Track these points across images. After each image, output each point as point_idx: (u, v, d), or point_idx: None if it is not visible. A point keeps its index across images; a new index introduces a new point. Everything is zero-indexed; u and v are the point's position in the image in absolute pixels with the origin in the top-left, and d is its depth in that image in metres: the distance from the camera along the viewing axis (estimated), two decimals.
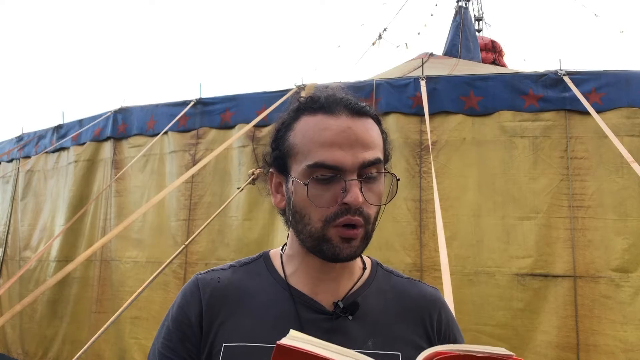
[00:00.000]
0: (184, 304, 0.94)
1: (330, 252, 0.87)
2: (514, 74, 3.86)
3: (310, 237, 0.88)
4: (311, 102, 0.90)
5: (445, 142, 3.48)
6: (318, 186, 0.85)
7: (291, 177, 0.88)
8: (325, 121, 0.86)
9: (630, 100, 3.31)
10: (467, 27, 7.06)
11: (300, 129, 0.88)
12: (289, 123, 0.91)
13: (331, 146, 0.84)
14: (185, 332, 0.91)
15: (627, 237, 3.12)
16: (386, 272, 1.03)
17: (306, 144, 0.86)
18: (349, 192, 0.83)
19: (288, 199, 0.90)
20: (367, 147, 0.85)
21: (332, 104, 0.87)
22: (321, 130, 0.85)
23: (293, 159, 0.88)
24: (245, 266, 1.00)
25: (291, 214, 0.90)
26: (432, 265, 3.28)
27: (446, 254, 2.31)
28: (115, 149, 4.48)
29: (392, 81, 3.77)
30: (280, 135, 0.92)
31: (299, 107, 0.92)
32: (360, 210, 0.85)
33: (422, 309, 0.97)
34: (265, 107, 3.70)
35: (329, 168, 0.84)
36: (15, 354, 4.73)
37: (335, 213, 0.84)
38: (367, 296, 0.95)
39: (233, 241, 3.76)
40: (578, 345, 3.06)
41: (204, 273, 0.98)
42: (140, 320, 3.91)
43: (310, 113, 0.89)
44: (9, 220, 5.24)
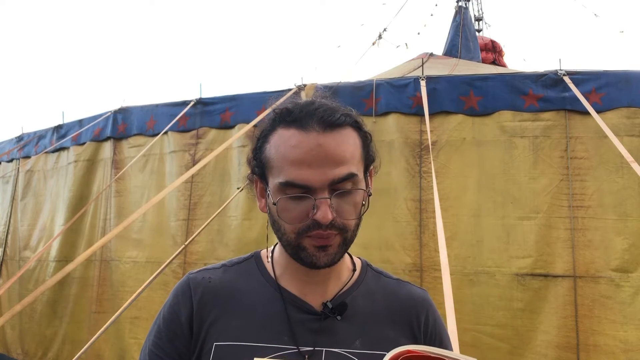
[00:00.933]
0: (174, 303, 0.96)
1: (307, 260, 0.88)
2: (514, 74, 3.86)
3: (287, 245, 0.90)
4: (286, 113, 0.89)
5: (445, 142, 3.48)
6: (290, 202, 0.86)
7: (268, 189, 0.89)
8: (296, 137, 0.85)
9: (630, 100, 3.31)
10: (467, 27, 7.06)
11: (274, 142, 0.89)
12: (266, 134, 0.92)
13: (300, 164, 0.84)
14: (175, 331, 0.93)
15: (627, 237, 3.12)
16: (375, 273, 1.04)
17: (279, 160, 0.87)
18: (318, 210, 0.84)
19: (268, 208, 0.92)
20: (338, 163, 0.84)
21: (304, 118, 0.86)
22: (292, 147, 0.85)
23: (269, 172, 0.89)
24: (236, 266, 1.01)
25: (271, 222, 0.92)
26: (432, 265, 3.28)
27: (446, 254, 2.31)
28: (115, 149, 4.47)
29: (392, 81, 3.77)
30: (258, 145, 0.93)
31: (275, 118, 0.91)
32: (333, 224, 0.85)
33: (410, 310, 0.98)
34: (265, 107, 3.70)
35: (298, 187, 0.84)
36: (15, 354, 4.73)
37: (307, 226, 0.85)
38: (356, 297, 0.96)
39: (232, 241, 3.75)
40: (578, 345, 3.06)
41: (195, 272, 1.00)
42: (140, 320, 3.91)
43: (284, 126, 0.88)
44: (9, 220, 5.24)
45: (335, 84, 3.78)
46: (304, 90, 3.81)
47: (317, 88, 3.82)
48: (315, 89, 3.81)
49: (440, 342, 1.00)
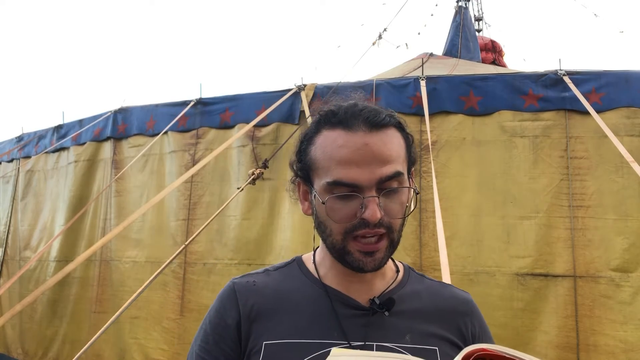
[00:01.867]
0: (220, 307, 0.97)
1: (354, 265, 0.90)
2: (514, 74, 3.85)
3: (333, 247, 0.91)
4: (331, 115, 0.91)
5: (445, 141, 3.48)
6: (338, 201, 0.87)
7: (314, 190, 0.91)
8: (342, 137, 0.87)
9: (630, 100, 3.31)
10: (467, 27, 7.06)
11: (320, 144, 0.90)
12: (310, 136, 0.93)
13: (348, 164, 0.85)
14: (222, 334, 0.94)
15: (628, 237, 3.12)
16: (419, 276, 1.06)
17: (325, 161, 0.88)
18: (367, 209, 0.85)
19: (314, 210, 0.93)
20: (385, 162, 0.86)
21: (350, 119, 0.88)
22: (338, 148, 0.87)
23: (315, 173, 0.91)
24: (279, 270, 1.03)
25: (317, 224, 0.93)
26: (432, 265, 3.27)
27: (446, 253, 2.31)
28: (115, 149, 4.47)
29: (392, 81, 3.77)
30: (303, 147, 0.94)
31: (320, 120, 0.93)
32: (381, 222, 0.86)
33: (457, 311, 1.00)
34: (265, 107, 3.70)
35: (346, 186, 0.86)
36: (15, 354, 4.73)
37: (354, 226, 0.87)
38: (402, 295, 0.97)
39: (231, 241, 3.75)
40: (578, 345, 3.06)
41: (239, 277, 1.01)
42: (139, 320, 3.91)
43: (329, 127, 0.90)
44: (9, 220, 5.24)
45: (335, 84, 3.78)
46: (304, 90, 3.81)
47: (317, 88, 3.82)
48: (315, 89, 3.81)
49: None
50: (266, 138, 3.83)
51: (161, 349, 3.80)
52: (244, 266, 3.65)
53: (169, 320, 3.82)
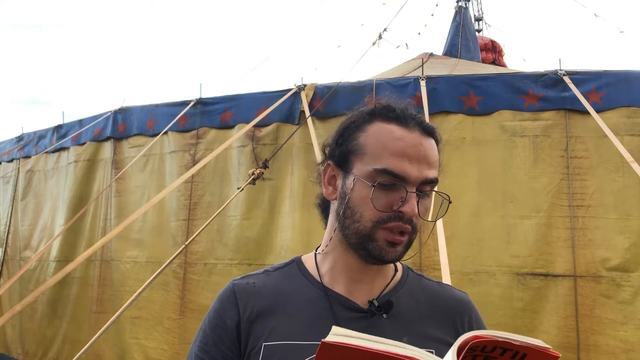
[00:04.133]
0: (220, 308, 0.98)
1: (376, 253, 0.91)
2: (514, 74, 3.86)
3: (356, 234, 0.91)
4: (387, 110, 0.94)
5: (445, 141, 3.42)
6: (380, 189, 0.89)
7: (353, 174, 0.91)
8: (400, 132, 0.91)
9: (630, 99, 3.31)
10: (467, 27, 7.06)
11: (373, 132, 0.92)
12: (360, 124, 0.94)
13: (402, 156, 0.89)
14: (221, 335, 0.95)
15: (628, 237, 3.12)
16: (417, 276, 1.07)
17: (378, 148, 0.90)
18: (407, 203, 0.88)
19: (343, 194, 0.93)
20: (431, 166, 0.92)
21: (407, 118, 0.93)
22: (395, 139, 0.90)
23: (359, 158, 0.92)
24: (278, 270, 1.03)
25: (343, 209, 0.93)
26: (431, 264, 3.27)
27: (446, 253, 2.31)
28: (115, 149, 4.47)
29: (392, 81, 3.78)
30: (348, 133, 0.95)
31: (373, 112, 0.95)
32: (411, 220, 0.90)
33: (454, 311, 1.01)
34: (265, 107, 3.70)
35: (395, 176, 0.88)
36: (15, 354, 4.73)
37: (388, 217, 0.89)
38: (400, 297, 0.98)
39: (232, 240, 3.75)
40: (578, 345, 3.06)
41: (239, 279, 1.02)
42: (140, 320, 3.91)
43: (384, 120, 0.93)
44: (9, 220, 5.24)
45: (335, 84, 3.78)
46: (304, 90, 3.81)
47: (317, 88, 3.82)
48: (315, 89, 3.81)
49: None
50: (266, 138, 3.83)
51: (162, 349, 3.80)
52: (244, 266, 3.65)
53: (170, 320, 3.82)
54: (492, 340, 0.67)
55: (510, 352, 0.69)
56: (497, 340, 0.68)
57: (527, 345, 0.68)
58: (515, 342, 0.68)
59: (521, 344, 0.68)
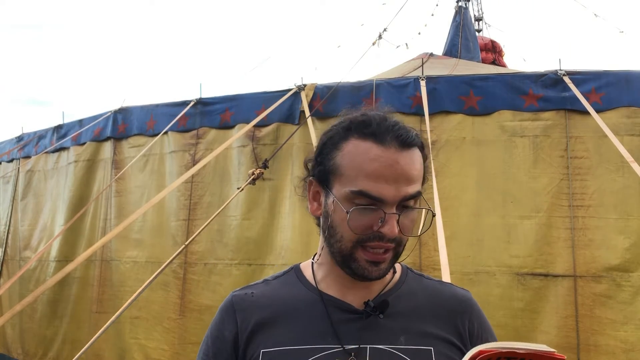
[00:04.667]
0: (219, 321, 1.01)
1: (359, 272, 0.91)
2: (514, 74, 3.86)
3: (339, 253, 0.92)
4: (363, 125, 0.91)
5: (445, 141, 3.48)
6: (357, 212, 0.87)
7: (332, 195, 0.91)
8: (374, 150, 0.88)
9: (630, 100, 3.31)
10: (467, 27, 7.06)
11: (348, 151, 0.90)
12: (337, 141, 0.93)
13: (377, 178, 0.86)
14: (220, 347, 0.97)
15: (629, 237, 3.11)
16: (417, 275, 1.06)
17: (353, 169, 0.88)
18: (386, 224, 0.87)
19: (325, 213, 0.94)
20: (410, 182, 0.88)
21: (383, 133, 0.89)
22: (370, 160, 0.87)
23: (337, 179, 0.91)
24: (277, 279, 1.05)
25: (327, 227, 0.93)
26: (431, 264, 3.27)
27: (446, 253, 2.31)
28: (115, 149, 4.47)
29: (392, 81, 3.77)
30: (326, 150, 0.94)
31: (349, 127, 0.92)
32: (394, 238, 0.89)
33: (455, 309, 1.00)
34: (265, 107, 3.70)
35: (371, 198, 0.86)
36: (15, 354, 4.73)
37: (368, 237, 0.88)
38: (398, 297, 0.98)
39: (232, 240, 3.75)
40: (578, 345, 3.06)
41: (238, 290, 1.04)
42: (140, 320, 3.91)
43: (360, 137, 0.90)
44: (9, 220, 5.24)
45: (335, 84, 3.78)
46: (304, 90, 3.81)
47: (317, 88, 3.81)
48: (315, 89, 3.81)
49: (487, 342, 1.01)
50: (266, 138, 3.83)
51: (161, 349, 3.80)
52: (244, 266, 3.65)
53: (170, 320, 3.82)
54: (496, 353, 0.67)
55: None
56: (502, 352, 0.67)
57: (531, 352, 0.68)
58: (520, 351, 0.67)
59: (526, 351, 0.68)
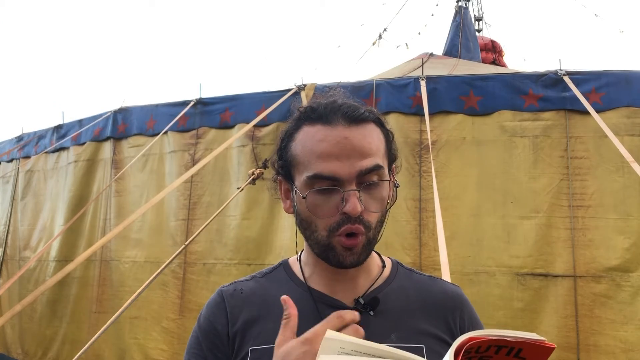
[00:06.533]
0: (209, 314, 0.99)
1: (335, 260, 0.90)
2: (514, 74, 3.86)
3: (317, 244, 0.91)
4: (310, 111, 0.91)
5: (445, 141, 3.48)
6: (319, 197, 0.87)
7: (295, 187, 0.91)
8: (322, 132, 0.87)
9: (630, 100, 3.31)
10: (467, 27, 7.06)
11: (300, 139, 0.91)
12: (290, 133, 0.93)
13: (328, 157, 0.86)
14: (214, 341, 0.95)
15: (628, 237, 3.11)
16: (407, 271, 1.05)
17: (305, 155, 0.88)
18: (347, 202, 0.85)
19: (295, 207, 0.93)
20: (365, 155, 0.86)
21: (329, 114, 0.88)
22: (318, 142, 0.87)
23: (295, 169, 0.91)
24: (266, 275, 1.03)
25: (299, 222, 0.93)
26: (431, 264, 3.27)
27: (446, 253, 2.31)
28: (115, 149, 4.47)
29: (392, 81, 3.77)
30: (283, 145, 0.94)
31: (299, 117, 0.93)
32: (361, 219, 0.86)
33: (445, 305, 0.99)
34: (265, 107, 3.70)
35: (327, 179, 0.86)
36: (15, 354, 4.73)
37: (338, 222, 0.87)
38: (388, 293, 0.97)
39: (231, 240, 3.75)
40: (578, 345, 3.06)
41: (227, 285, 1.02)
42: (139, 320, 3.91)
43: (309, 123, 0.90)
44: (9, 220, 5.24)
45: (335, 84, 3.78)
46: (304, 90, 3.81)
47: (317, 88, 3.81)
48: (316, 94, 3.81)
49: None
50: (266, 138, 3.83)
51: (161, 349, 3.80)
52: (243, 266, 3.65)
53: (169, 320, 3.82)
54: (486, 340, 0.67)
55: (505, 349, 0.69)
56: (492, 339, 0.67)
57: (521, 340, 0.68)
58: (510, 339, 0.67)
59: (515, 339, 0.68)
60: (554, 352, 0.73)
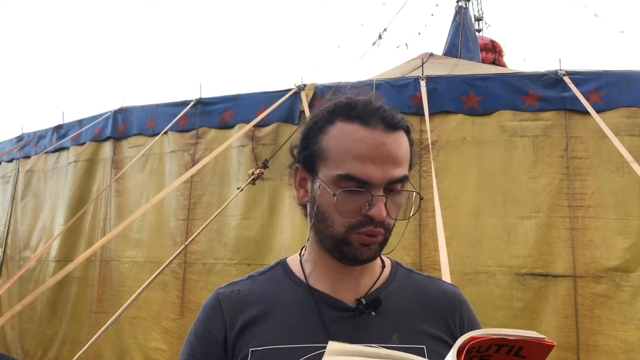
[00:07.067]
0: (205, 319, 0.97)
1: (350, 254, 0.90)
2: (514, 74, 3.86)
3: (330, 237, 0.90)
4: (348, 108, 0.90)
5: (445, 141, 3.48)
6: (345, 195, 0.87)
7: (319, 179, 0.89)
8: (360, 132, 0.87)
9: (630, 100, 3.31)
10: (467, 27, 7.06)
11: (334, 135, 0.89)
12: (322, 125, 0.91)
13: (364, 160, 0.85)
14: (208, 347, 0.94)
15: (628, 237, 3.11)
16: (406, 271, 1.05)
17: (339, 153, 0.87)
18: (374, 207, 0.86)
19: (312, 199, 0.92)
20: (397, 164, 0.88)
21: (368, 115, 0.88)
22: (356, 142, 0.86)
23: (323, 163, 0.89)
24: (263, 274, 1.02)
25: (314, 213, 0.91)
26: (431, 264, 3.27)
27: (446, 253, 2.31)
28: (115, 149, 4.47)
29: (392, 81, 3.77)
30: (311, 135, 0.92)
31: (334, 110, 0.91)
32: (382, 222, 0.87)
33: (444, 306, 0.99)
34: (265, 107, 3.70)
35: (358, 181, 0.86)
36: (15, 354, 4.73)
37: (359, 222, 0.87)
38: (389, 293, 0.97)
39: (231, 240, 3.75)
40: (578, 345, 3.06)
41: (223, 287, 1.00)
42: (139, 320, 3.90)
43: (346, 120, 0.89)
44: (9, 220, 5.24)
45: (335, 84, 3.78)
46: (304, 90, 3.81)
47: (317, 88, 3.81)
48: (315, 89, 3.81)
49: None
50: (266, 138, 3.83)
51: (161, 349, 3.80)
52: (243, 266, 3.65)
53: (169, 320, 3.82)
54: (487, 339, 0.67)
55: (506, 348, 0.69)
56: (493, 338, 0.67)
57: (521, 339, 0.68)
58: (510, 337, 0.67)
59: (516, 337, 0.68)
60: (553, 351, 0.73)
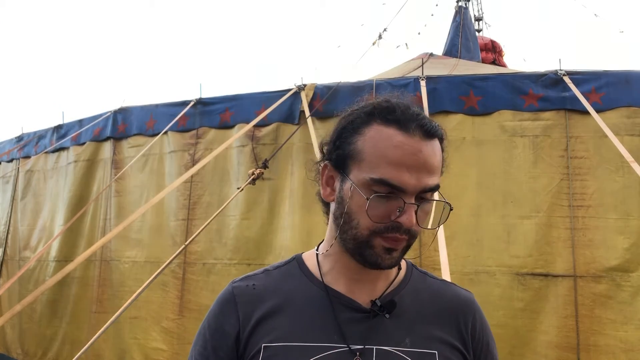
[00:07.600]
0: (219, 312, 0.97)
1: (372, 259, 0.89)
2: (514, 74, 3.86)
3: (353, 239, 0.89)
4: (387, 111, 0.88)
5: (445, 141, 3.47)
6: (376, 200, 0.85)
7: (350, 180, 0.88)
8: (398, 138, 0.85)
9: (630, 100, 3.31)
10: (467, 27, 7.06)
11: (371, 137, 0.87)
12: (358, 126, 0.89)
13: (399, 166, 0.84)
14: (220, 340, 0.94)
15: (628, 237, 3.11)
16: (421, 274, 1.04)
17: (375, 156, 0.86)
18: (404, 214, 0.85)
19: (340, 198, 0.90)
20: (431, 173, 0.87)
21: (407, 120, 0.86)
22: (393, 147, 0.85)
23: (356, 164, 0.88)
24: (278, 269, 1.01)
25: (340, 214, 0.90)
26: (431, 264, 3.27)
27: (446, 253, 2.31)
28: (115, 149, 4.47)
29: (392, 81, 3.77)
30: (346, 134, 0.91)
31: (372, 112, 0.89)
32: (409, 230, 0.87)
33: (457, 311, 0.99)
34: (265, 107, 3.70)
35: (392, 187, 0.84)
36: (14, 354, 4.73)
37: (386, 227, 0.86)
38: (403, 296, 0.96)
39: (231, 240, 3.75)
40: (578, 345, 3.05)
41: (238, 280, 1.00)
42: (139, 320, 3.90)
43: (384, 123, 0.87)
44: (9, 220, 5.24)
45: (335, 84, 3.78)
46: (304, 90, 3.81)
47: (317, 88, 3.81)
48: (315, 89, 3.81)
49: (487, 345, 1.01)
50: (266, 138, 3.83)
51: (160, 349, 3.80)
52: (243, 266, 3.64)
53: (169, 320, 3.82)
54: None
55: None
56: None
57: None
58: None
59: None
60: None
